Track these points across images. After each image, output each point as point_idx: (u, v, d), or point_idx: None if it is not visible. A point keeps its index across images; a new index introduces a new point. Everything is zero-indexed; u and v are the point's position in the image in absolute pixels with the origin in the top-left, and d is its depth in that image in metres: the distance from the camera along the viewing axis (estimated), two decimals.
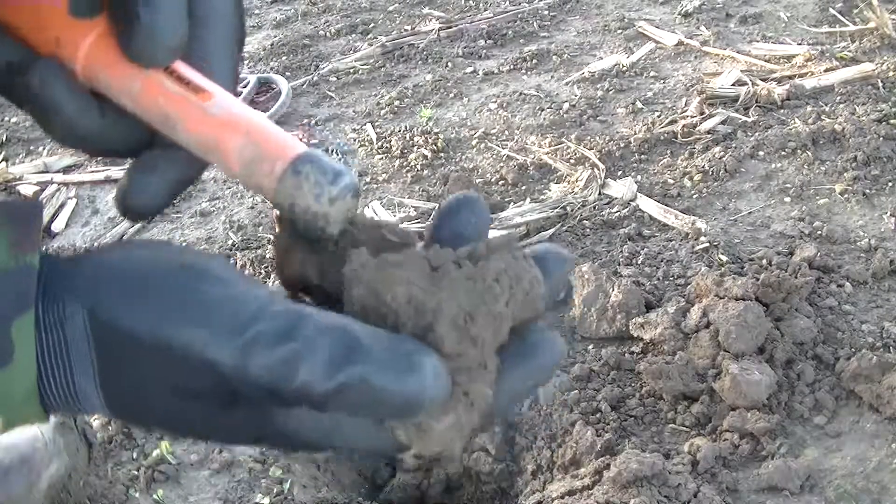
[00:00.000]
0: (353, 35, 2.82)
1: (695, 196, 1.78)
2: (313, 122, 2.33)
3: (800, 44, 2.32)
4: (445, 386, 0.33)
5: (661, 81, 2.25)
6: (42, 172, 2.17)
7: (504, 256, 0.35)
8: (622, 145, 1.96)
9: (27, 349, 0.35)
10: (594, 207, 1.78)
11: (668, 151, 1.94)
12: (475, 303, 0.33)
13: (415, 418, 0.33)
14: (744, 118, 1.99)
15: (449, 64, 2.50)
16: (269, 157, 0.37)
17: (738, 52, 2.29)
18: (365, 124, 2.24)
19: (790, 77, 2.15)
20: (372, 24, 2.87)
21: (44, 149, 2.29)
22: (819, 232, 1.61)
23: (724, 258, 1.56)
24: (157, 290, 0.35)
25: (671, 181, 1.83)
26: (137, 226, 1.93)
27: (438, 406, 0.33)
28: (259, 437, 0.37)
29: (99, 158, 2.17)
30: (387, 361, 0.32)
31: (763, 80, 2.14)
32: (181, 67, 0.40)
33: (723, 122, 1.99)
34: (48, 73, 0.40)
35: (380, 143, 2.13)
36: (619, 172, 1.89)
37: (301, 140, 0.39)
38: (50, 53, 0.40)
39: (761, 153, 1.87)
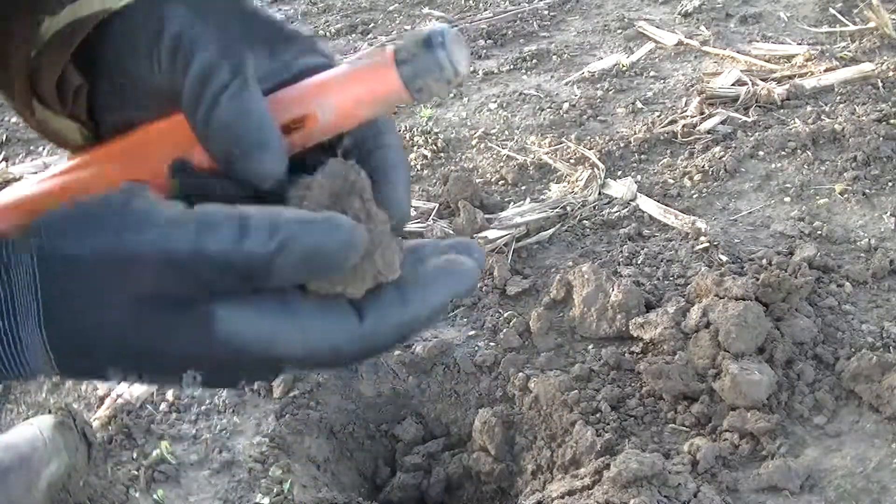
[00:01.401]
0: (353, 35, 2.82)
1: (695, 196, 1.78)
2: None
3: (800, 44, 2.32)
4: (363, 235, 0.39)
5: (661, 81, 2.25)
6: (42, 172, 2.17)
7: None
8: (622, 145, 1.96)
9: None
10: (594, 207, 1.78)
11: (668, 151, 1.94)
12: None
13: (343, 270, 0.39)
14: (744, 118, 1.99)
15: None
16: (391, 95, 0.41)
17: (738, 52, 2.29)
18: None
19: (790, 77, 2.15)
20: (372, 24, 2.87)
21: (44, 149, 2.29)
22: (819, 232, 1.61)
23: (724, 258, 1.56)
24: (98, 217, 0.38)
25: (671, 181, 1.83)
26: None
27: (359, 256, 0.39)
28: (204, 353, 0.38)
29: None
30: (314, 222, 0.38)
31: (763, 80, 2.14)
32: None
33: (723, 122, 1.99)
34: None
35: None
36: (619, 172, 1.89)
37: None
38: None
39: (761, 153, 1.87)
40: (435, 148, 2.06)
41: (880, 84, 2.04)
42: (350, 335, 0.40)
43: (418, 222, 1.78)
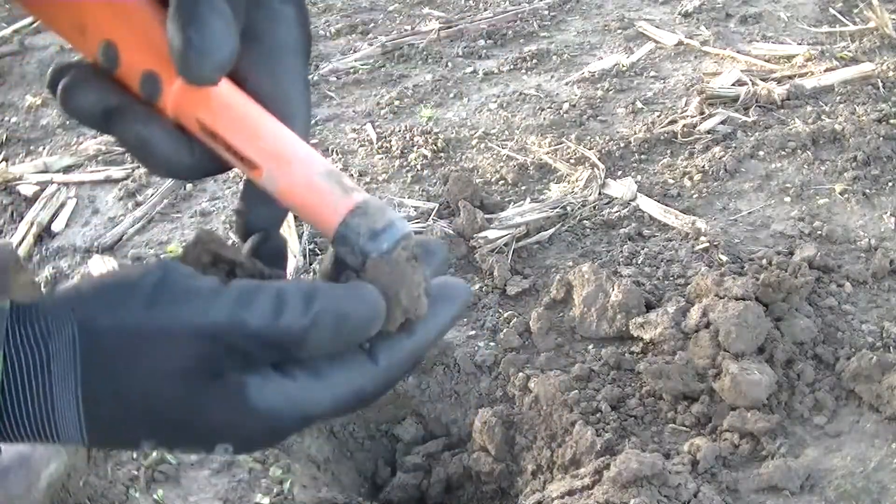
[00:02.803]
0: (353, 35, 2.82)
1: (695, 196, 1.78)
2: (313, 121, 2.33)
3: (800, 44, 2.32)
4: (383, 303, 0.41)
5: (661, 81, 2.25)
6: (42, 172, 2.16)
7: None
8: (622, 145, 1.96)
9: None
10: (594, 207, 1.78)
11: (668, 151, 1.94)
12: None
13: (370, 335, 0.41)
14: (744, 118, 1.99)
15: (449, 64, 2.50)
16: (318, 228, 0.43)
17: (738, 52, 2.29)
18: (365, 124, 2.24)
19: (790, 77, 2.15)
20: (372, 24, 2.87)
21: (44, 149, 2.29)
22: (819, 232, 1.61)
23: (724, 258, 1.56)
24: (139, 289, 0.38)
25: (671, 181, 1.83)
26: (137, 225, 1.93)
27: (382, 322, 0.42)
28: (239, 422, 0.39)
29: (99, 159, 2.18)
30: (343, 294, 0.40)
31: (763, 80, 2.14)
32: (249, 118, 0.43)
33: (723, 122, 1.99)
34: (145, 122, 0.43)
35: (380, 143, 2.13)
36: (619, 172, 1.89)
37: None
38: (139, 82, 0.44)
39: (761, 153, 1.87)
40: (435, 148, 2.06)
41: (880, 84, 2.04)
42: (371, 379, 0.42)
43: (418, 222, 1.78)
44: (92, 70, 0.44)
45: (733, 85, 2.12)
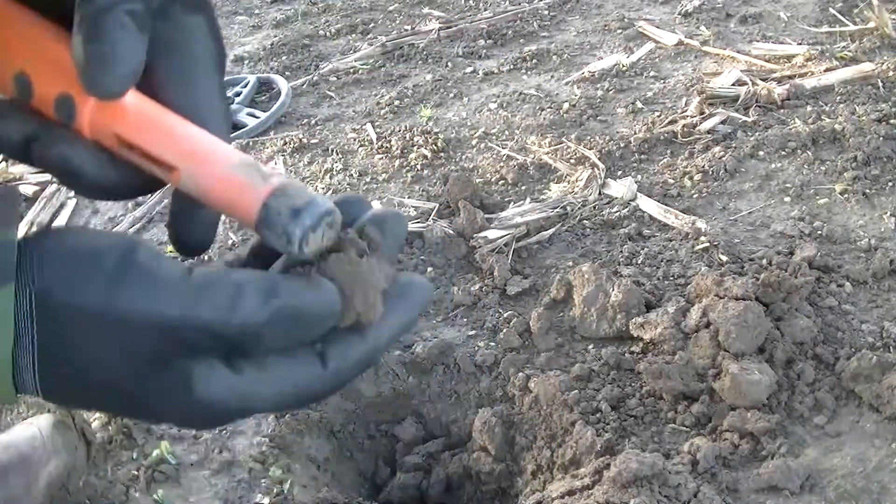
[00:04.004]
0: (353, 35, 2.82)
1: (695, 196, 1.78)
2: (313, 121, 2.33)
3: (800, 44, 2.32)
4: (339, 297, 0.41)
5: (661, 81, 2.25)
6: (42, 172, 2.17)
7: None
8: (622, 145, 1.96)
9: (5, 321, 0.37)
10: (594, 207, 1.78)
11: (668, 151, 1.94)
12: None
13: (323, 331, 0.41)
14: (744, 118, 1.99)
15: (449, 64, 2.50)
16: (242, 220, 0.42)
17: (738, 52, 2.29)
18: (365, 124, 2.24)
19: (790, 77, 2.15)
20: (372, 24, 2.87)
21: None
22: (819, 232, 1.61)
23: (724, 258, 1.56)
24: (93, 264, 0.39)
25: (671, 181, 1.83)
26: (137, 225, 1.93)
27: (337, 319, 0.42)
28: (181, 408, 0.40)
29: None
30: (300, 290, 0.40)
31: (763, 79, 2.14)
32: (162, 123, 0.43)
33: (723, 122, 1.99)
34: (66, 144, 0.43)
35: (380, 143, 2.13)
36: (619, 172, 1.89)
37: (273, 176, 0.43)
38: (50, 103, 0.44)
39: (761, 153, 1.87)
40: (435, 148, 2.06)
41: (880, 84, 2.04)
42: (318, 379, 0.42)
43: (418, 222, 1.78)
44: (9, 104, 0.45)
45: (733, 85, 2.12)
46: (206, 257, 1.78)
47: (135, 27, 0.41)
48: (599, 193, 1.82)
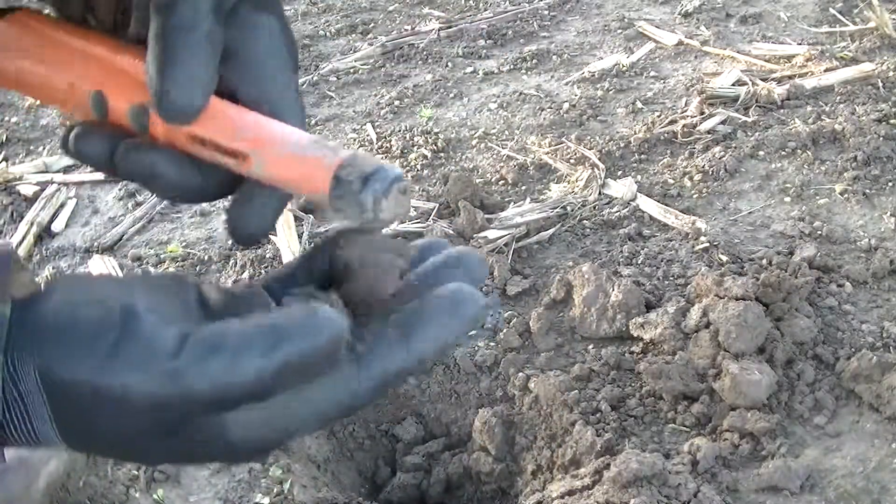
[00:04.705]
0: (353, 35, 2.82)
1: (695, 196, 1.78)
2: (313, 121, 2.33)
3: (800, 44, 2.32)
4: (345, 321, 0.39)
5: (661, 81, 2.25)
6: (42, 172, 2.16)
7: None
8: (622, 145, 1.96)
9: None
10: (594, 207, 1.78)
11: (668, 151, 1.94)
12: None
13: (338, 353, 0.40)
14: (744, 118, 1.99)
15: (449, 64, 2.50)
16: (315, 196, 0.43)
17: (738, 52, 2.29)
18: (365, 124, 2.24)
19: (790, 77, 2.15)
20: (372, 24, 2.87)
21: (44, 149, 2.29)
22: (819, 232, 1.61)
23: (724, 258, 1.56)
24: (88, 340, 0.37)
25: (671, 181, 1.83)
26: (138, 225, 1.93)
27: (343, 344, 0.40)
28: (214, 453, 0.39)
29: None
30: (301, 329, 0.38)
31: (763, 79, 2.14)
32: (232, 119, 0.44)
33: (723, 122, 1.99)
34: (148, 151, 0.44)
35: (380, 143, 2.13)
36: (619, 172, 1.89)
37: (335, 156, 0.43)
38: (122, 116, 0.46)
39: (761, 153, 1.87)
40: (435, 148, 2.06)
41: (880, 84, 2.04)
42: (355, 393, 0.41)
43: (418, 222, 1.78)
44: (90, 124, 0.46)
45: (733, 85, 2.12)
46: (207, 257, 1.78)
47: (206, 49, 0.42)
48: (599, 193, 1.82)
